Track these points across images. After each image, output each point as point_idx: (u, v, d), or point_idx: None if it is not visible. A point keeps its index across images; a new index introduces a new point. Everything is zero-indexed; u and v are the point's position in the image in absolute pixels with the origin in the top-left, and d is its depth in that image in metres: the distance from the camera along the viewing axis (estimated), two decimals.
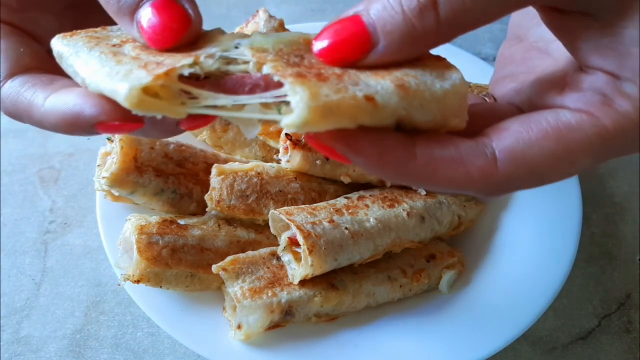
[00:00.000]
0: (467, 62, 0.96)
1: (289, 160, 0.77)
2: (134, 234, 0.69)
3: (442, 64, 0.40)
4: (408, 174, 0.38)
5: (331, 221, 0.70)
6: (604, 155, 0.39)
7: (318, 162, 0.77)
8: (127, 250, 0.71)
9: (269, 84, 0.37)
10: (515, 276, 0.74)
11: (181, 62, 0.38)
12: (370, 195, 0.77)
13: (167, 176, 0.75)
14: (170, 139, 0.79)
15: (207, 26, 0.43)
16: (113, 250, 0.74)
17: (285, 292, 0.68)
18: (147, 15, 0.40)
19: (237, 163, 0.79)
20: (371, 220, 0.72)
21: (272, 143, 0.82)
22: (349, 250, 0.69)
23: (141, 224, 0.71)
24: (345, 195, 0.78)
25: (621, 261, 0.86)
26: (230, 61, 0.39)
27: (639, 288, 0.83)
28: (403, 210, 0.74)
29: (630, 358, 0.78)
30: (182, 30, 0.40)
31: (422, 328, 0.71)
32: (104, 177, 0.72)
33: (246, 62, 0.38)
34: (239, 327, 0.67)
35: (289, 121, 0.34)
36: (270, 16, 0.95)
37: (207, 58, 0.39)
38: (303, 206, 0.73)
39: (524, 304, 0.71)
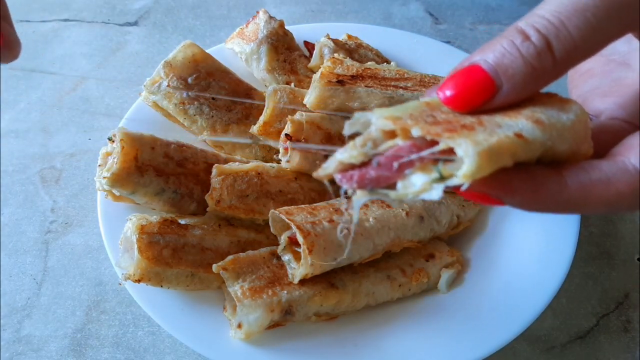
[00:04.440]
0: None
1: (289, 160, 0.77)
2: (135, 233, 0.70)
3: (556, 99, 0.44)
4: (564, 204, 0.41)
5: (331, 221, 0.70)
6: None
7: (318, 162, 0.77)
8: (128, 249, 0.71)
9: (420, 148, 0.38)
10: (514, 275, 0.75)
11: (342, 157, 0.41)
12: None
13: (167, 176, 0.76)
14: (171, 139, 0.79)
15: (207, 27, 0.43)
16: (114, 250, 0.74)
17: (285, 292, 0.69)
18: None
19: (237, 163, 0.79)
20: (370, 219, 0.72)
21: (272, 143, 0.83)
22: (348, 250, 0.69)
23: (142, 224, 0.71)
24: (345, 195, 0.78)
25: (620, 261, 0.86)
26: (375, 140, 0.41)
27: (638, 287, 0.84)
28: (402, 210, 0.75)
29: (629, 357, 0.78)
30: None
31: (422, 327, 0.72)
32: (105, 177, 0.73)
33: (387, 134, 0.40)
34: (239, 326, 0.67)
35: (465, 172, 0.36)
36: (271, 17, 0.95)
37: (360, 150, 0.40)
38: (303, 206, 0.74)
39: (523, 303, 0.71)
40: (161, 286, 0.70)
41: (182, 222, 0.74)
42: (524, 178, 0.39)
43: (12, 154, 0.97)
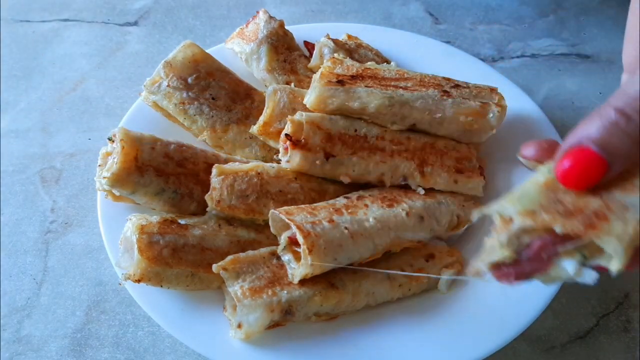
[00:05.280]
0: (466, 63, 0.97)
1: (289, 160, 0.77)
2: (135, 233, 0.70)
3: None
4: None
5: (331, 221, 0.70)
6: None
7: (318, 162, 0.77)
8: (128, 249, 0.71)
9: (561, 238, 0.44)
10: None
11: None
12: (369, 195, 0.78)
13: (167, 176, 0.76)
14: (171, 139, 0.79)
15: (207, 27, 0.44)
16: (114, 250, 0.74)
17: (285, 292, 0.69)
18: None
19: (237, 163, 0.79)
20: (370, 219, 0.72)
21: (272, 143, 0.83)
22: (348, 250, 0.69)
23: (142, 224, 0.71)
24: (344, 195, 0.78)
25: None
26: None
27: (638, 287, 0.84)
28: (402, 210, 0.75)
29: (629, 357, 0.78)
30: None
31: (421, 327, 0.72)
32: (105, 177, 0.73)
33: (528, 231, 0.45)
34: (239, 326, 0.67)
35: (617, 267, 0.42)
36: (271, 17, 0.95)
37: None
38: (303, 206, 0.74)
39: (523, 303, 0.71)
40: (161, 286, 0.70)
41: (182, 222, 0.74)
42: None
43: (12, 154, 0.97)
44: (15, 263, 0.85)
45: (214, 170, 0.75)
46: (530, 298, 0.72)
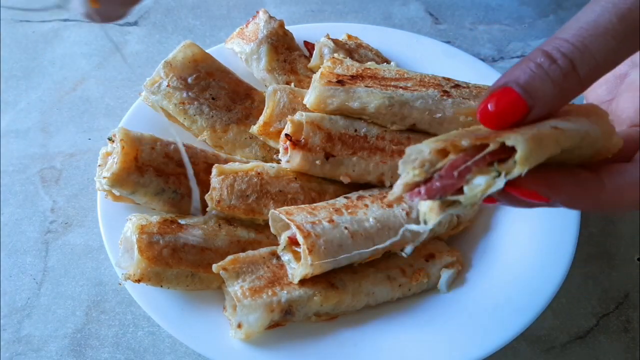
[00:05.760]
0: (466, 63, 0.97)
1: (289, 160, 0.77)
2: (135, 233, 0.70)
3: (573, 107, 0.49)
4: (601, 204, 0.46)
5: (331, 221, 0.70)
6: None
7: (318, 162, 0.77)
8: (128, 249, 0.71)
9: (472, 156, 0.43)
10: (514, 275, 0.75)
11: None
12: (369, 195, 0.78)
13: (167, 176, 0.76)
14: (171, 139, 0.79)
15: (207, 27, 0.44)
16: (114, 250, 0.74)
17: (285, 292, 0.69)
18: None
19: (237, 163, 0.79)
20: (370, 219, 0.72)
21: (272, 143, 0.83)
22: (348, 250, 0.69)
23: (142, 224, 0.71)
24: (344, 195, 0.78)
25: (619, 261, 0.86)
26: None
27: (638, 287, 0.84)
28: (402, 209, 0.75)
29: (629, 357, 0.78)
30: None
31: (421, 327, 0.72)
32: (105, 177, 0.73)
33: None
34: (239, 326, 0.67)
35: (521, 155, 0.40)
36: (270, 17, 0.95)
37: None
38: (303, 206, 0.74)
39: (523, 303, 0.71)
40: (161, 286, 0.70)
41: (182, 222, 0.74)
42: (568, 178, 0.44)
43: (12, 154, 0.97)
44: (15, 263, 0.85)
45: (214, 170, 0.76)
46: (530, 298, 0.72)
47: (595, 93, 0.61)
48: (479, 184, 0.43)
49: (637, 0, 0.43)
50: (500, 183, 0.42)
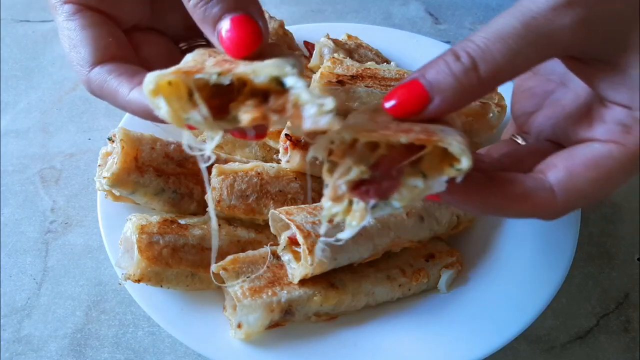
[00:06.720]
0: None
1: (289, 160, 0.77)
2: (135, 233, 0.70)
3: None
4: (489, 209, 0.49)
5: (331, 221, 0.70)
6: (635, 171, 0.49)
7: (318, 162, 0.77)
8: (128, 249, 0.71)
9: (400, 155, 0.45)
10: (514, 275, 0.74)
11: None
12: None
13: (167, 176, 0.76)
14: (171, 139, 0.79)
15: None
16: (114, 250, 0.74)
17: (285, 292, 0.69)
18: (226, 27, 0.47)
19: (237, 163, 0.79)
20: (370, 220, 0.72)
21: (272, 143, 0.83)
22: (348, 250, 0.69)
23: (142, 224, 0.71)
24: None
25: (620, 261, 0.86)
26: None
27: (638, 287, 0.84)
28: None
29: (629, 357, 0.78)
30: (255, 45, 0.47)
31: (421, 327, 0.71)
32: (105, 177, 0.73)
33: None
34: (239, 326, 0.67)
35: (467, 164, 0.43)
36: (271, 17, 0.95)
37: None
38: (303, 206, 0.74)
39: (523, 303, 0.71)
40: (161, 286, 0.70)
41: (182, 222, 0.74)
42: (466, 183, 0.46)
43: (12, 154, 0.97)
44: (15, 263, 0.85)
45: (214, 170, 0.76)
46: (530, 298, 0.72)
47: (522, 105, 0.63)
48: (417, 185, 0.44)
49: (542, 10, 0.45)
50: (439, 186, 0.44)
